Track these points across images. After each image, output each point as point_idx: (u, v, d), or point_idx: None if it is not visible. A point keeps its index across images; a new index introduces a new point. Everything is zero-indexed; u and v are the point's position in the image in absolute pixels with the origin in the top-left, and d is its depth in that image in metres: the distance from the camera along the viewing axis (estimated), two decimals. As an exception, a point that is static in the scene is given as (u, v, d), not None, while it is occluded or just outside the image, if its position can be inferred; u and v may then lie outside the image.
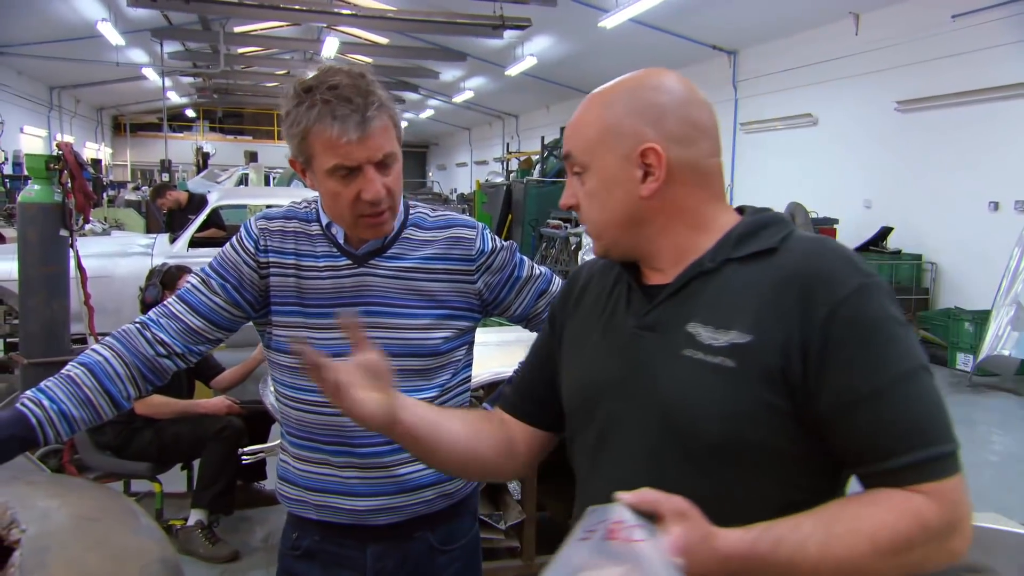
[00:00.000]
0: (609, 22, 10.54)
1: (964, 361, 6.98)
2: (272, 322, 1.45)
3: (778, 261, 0.95)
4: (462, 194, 22.74)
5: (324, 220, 1.44)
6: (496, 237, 1.51)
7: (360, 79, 1.31)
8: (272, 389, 3.34)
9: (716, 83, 11.91)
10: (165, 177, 16.96)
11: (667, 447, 0.97)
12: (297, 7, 12.00)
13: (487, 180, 19.61)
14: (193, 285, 1.45)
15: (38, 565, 0.75)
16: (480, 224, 1.51)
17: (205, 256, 6.20)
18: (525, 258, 1.55)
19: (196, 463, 3.58)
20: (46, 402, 1.27)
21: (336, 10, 12.09)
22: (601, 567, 0.82)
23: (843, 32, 9.38)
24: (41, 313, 3.93)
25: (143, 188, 17.07)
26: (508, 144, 22.64)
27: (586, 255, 9.76)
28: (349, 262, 1.42)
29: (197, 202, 8.01)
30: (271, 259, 1.44)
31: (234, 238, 1.48)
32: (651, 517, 0.83)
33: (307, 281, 1.42)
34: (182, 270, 3.75)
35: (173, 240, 6.32)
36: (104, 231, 7.83)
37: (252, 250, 1.44)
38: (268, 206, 8.30)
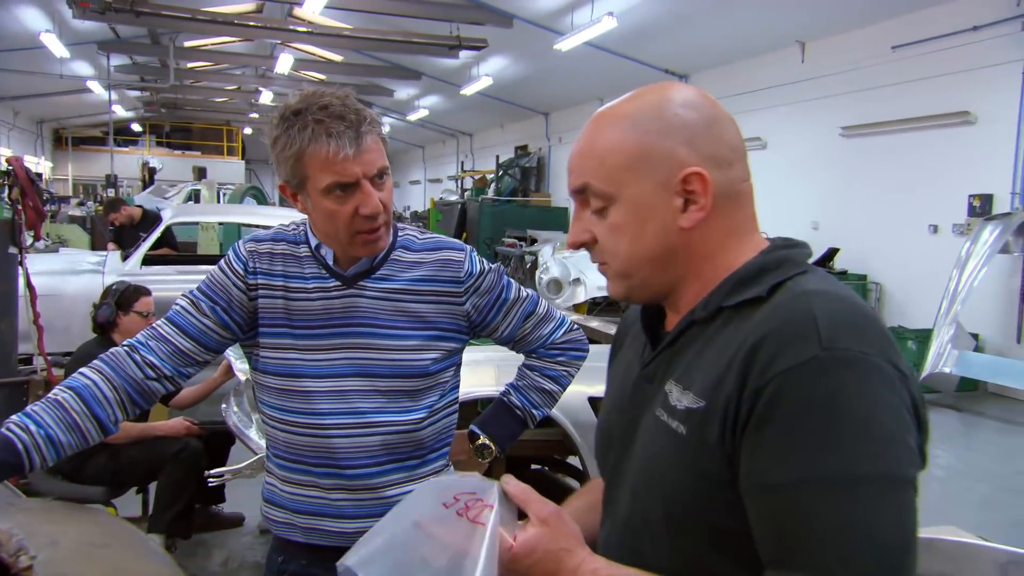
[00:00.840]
0: (564, 45, 10.69)
1: None
2: (260, 344, 1.44)
3: (756, 314, 0.82)
4: (416, 212, 22.69)
5: (313, 242, 1.44)
6: (484, 260, 1.53)
7: (347, 99, 1.33)
8: (235, 409, 3.35)
9: None
10: (111, 192, 16.53)
11: (636, 511, 0.91)
12: (252, 23, 11.90)
13: (441, 198, 19.63)
14: (182, 307, 1.44)
15: (54, 591, 0.75)
16: (468, 247, 1.53)
17: (158, 275, 6.08)
18: (512, 280, 1.57)
19: (152, 486, 3.49)
20: (32, 427, 1.24)
21: (291, 27, 12.01)
22: (436, 529, 0.84)
23: (790, 59, 9.70)
24: (-14, 339, 3.78)
25: (88, 203, 16.59)
26: (463, 162, 22.71)
27: (543, 274, 9.81)
28: (338, 283, 1.42)
29: (150, 219, 7.83)
30: (260, 281, 1.44)
31: (222, 260, 1.48)
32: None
33: (296, 303, 1.42)
34: (139, 291, 3.64)
35: (125, 258, 6.15)
36: (49, 248, 7.59)
37: (241, 272, 1.44)
38: (221, 224, 8.09)
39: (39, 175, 6.32)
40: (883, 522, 0.72)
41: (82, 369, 1.36)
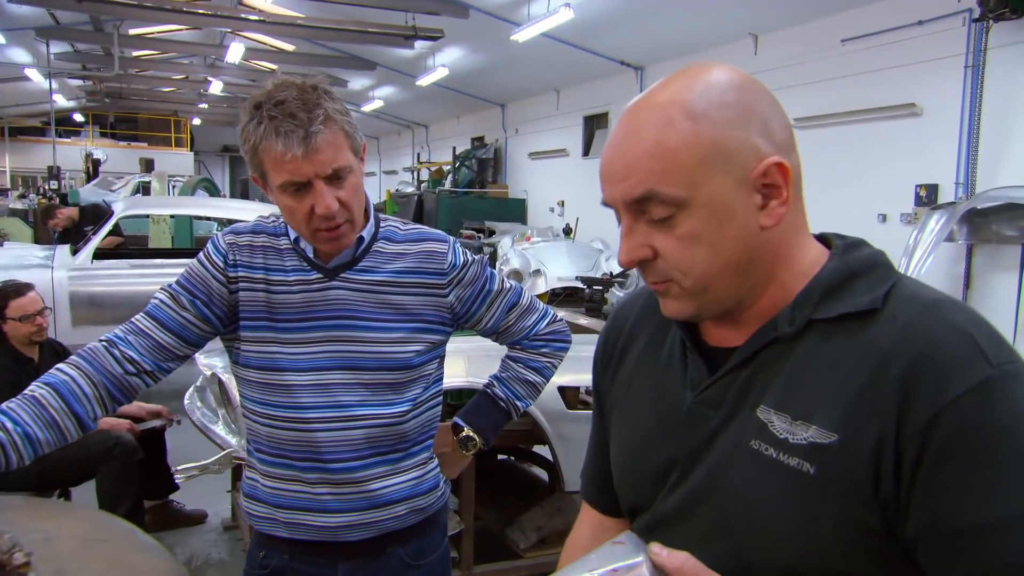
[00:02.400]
0: (521, 35, 10.68)
1: None
2: (241, 337, 1.42)
3: (876, 330, 0.72)
4: (373, 204, 22.45)
5: (292, 234, 1.42)
6: (467, 251, 1.52)
7: (309, 93, 1.29)
8: (199, 405, 3.29)
9: (625, 97, 12.20)
10: (53, 184, 15.99)
11: (737, 564, 0.77)
12: (200, 11, 11.60)
13: (398, 190, 19.48)
14: (161, 301, 1.42)
15: (57, 588, 0.73)
16: (451, 238, 1.52)
17: (111, 268, 5.92)
18: (495, 271, 1.57)
19: (76, 490, 3.36)
20: (9, 424, 1.21)
21: (242, 15, 11.76)
22: None
23: (743, 51, 9.82)
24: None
25: (30, 196, 16.06)
26: (419, 154, 22.56)
27: (503, 266, 9.82)
28: (319, 276, 1.40)
29: (91, 213, 7.57)
30: (240, 274, 1.42)
31: (201, 253, 1.46)
32: None
33: (277, 296, 1.40)
34: (7, 294, 3.24)
35: (75, 252, 5.96)
36: None
37: (221, 265, 1.42)
38: (172, 216, 7.91)
39: None
40: None
41: (59, 365, 1.32)
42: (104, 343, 1.36)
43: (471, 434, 1.57)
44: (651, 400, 0.89)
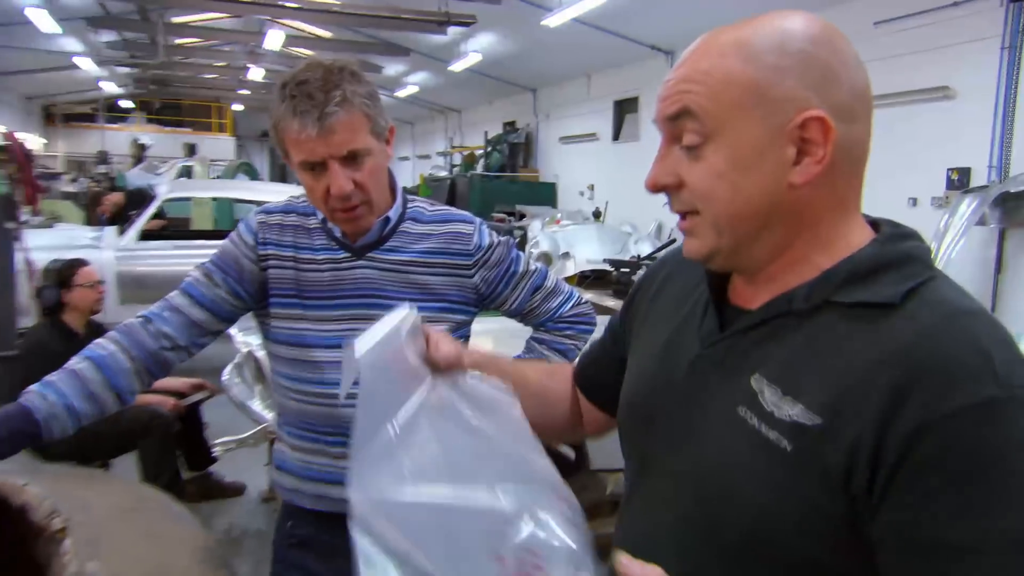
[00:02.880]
0: (552, 21, 10.58)
1: None
2: (271, 314, 1.45)
3: (892, 325, 0.69)
4: (405, 187, 22.53)
5: (320, 214, 1.43)
6: (493, 232, 1.52)
7: (334, 74, 1.28)
8: (236, 380, 3.34)
9: (654, 82, 12.08)
10: (102, 168, 16.31)
11: (694, 518, 0.79)
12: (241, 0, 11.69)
13: (431, 174, 19.52)
14: (195, 278, 1.45)
15: (91, 555, 0.75)
16: (478, 219, 1.53)
17: (155, 249, 6.05)
18: (521, 253, 1.57)
19: (115, 462, 3.46)
20: (52, 396, 1.24)
21: (280, 3, 11.81)
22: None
23: None
24: (-13, 314, 3.76)
25: (81, 179, 16.41)
26: (451, 139, 22.55)
27: (532, 248, 9.80)
28: (348, 255, 1.42)
29: (136, 197, 7.73)
30: (270, 252, 1.44)
31: (234, 232, 1.48)
32: None
33: (306, 274, 1.43)
34: (75, 264, 3.54)
35: (122, 233, 6.11)
36: (44, 223, 7.52)
37: (251, 243, 1.45)
38: (214, 199, 8.05)
39: (29, 155, 6.28)
40: None
41: (99, 340, 1.36)
42: (140, 320, 1.39)
43: None
44: (664, 344, 0.90)
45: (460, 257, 1.45)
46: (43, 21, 12.63)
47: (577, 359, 1.22)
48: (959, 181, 7.47)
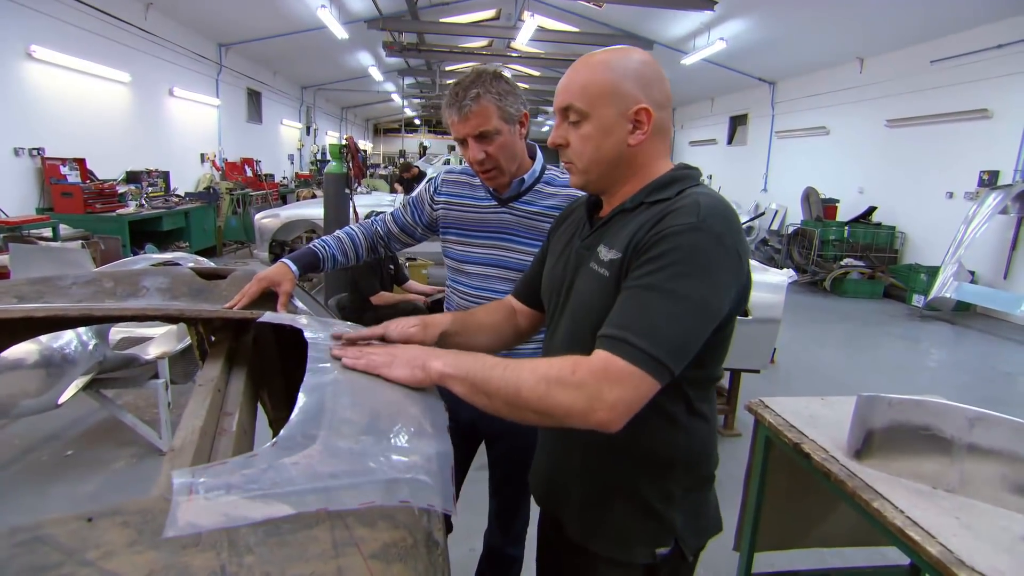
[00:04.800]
0: (688, 60, 10.28)
1: (918, 300, 6.76)
2: (443, 239, 1.41)
3: (665, 206, 0.78)
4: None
5: None
6: None
7: (478, 77, 1.20)
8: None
9: (760, 104, 11.29)
10: (401, 160, 17.87)
11: (577, 330, 0.85)
12: (485, 52, 12.37)
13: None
14: (402, 209, 1.44)
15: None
16: None
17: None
18: None
19: None
20: (325, 247, 1.34)
21: (509, 53, 12.26)
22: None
23: (851, 70, 8.70)
24: (335, 240, 4.32)
25: (389, 167, 18.13)
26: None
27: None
28: (495, 203, 1.33)
29: (423, 174, 8.79)
30: (442, 199, 1.38)
31: (426, 182, 1.45)
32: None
33: (466, 213, 1.36)
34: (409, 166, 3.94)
35: (407, 195, 6.79)
36: (366, 191, 8.05)
37: (432, 192, 1.40)
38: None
39: (363, 150, 6.74)
40: (676, 315, 0.69)
41: (351, 226, 1.43)
42: (371, 222, 1.45)
43: None
44: (563, 245, 0.95)
45: None
46: (375, 74, 14.09)
47: (516, 285, 1.14)
48: (989, 180, 6.62)
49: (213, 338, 1.11)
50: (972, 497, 1.14)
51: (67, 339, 1.96)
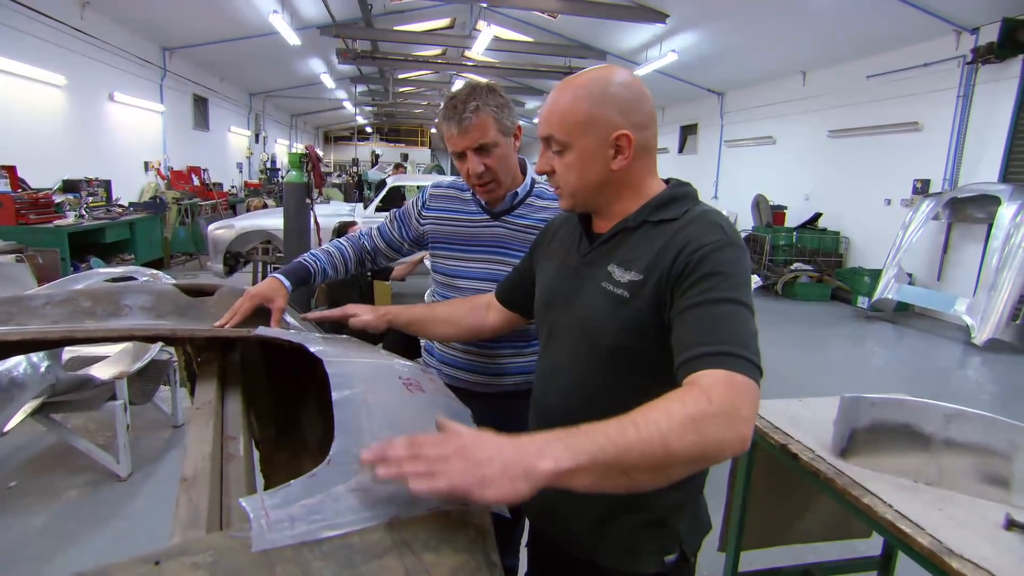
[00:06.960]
0: (641, 71, 10.48)
1: (862, 302, 7.11)
2: (432, 253, 1.42)
3: (675, 226, 0.80)
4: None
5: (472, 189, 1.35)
6: None
7: (474, 90, 1.20)
8: (431, 299, 3.93)
9: (710, 114, 11.71)
10: (353, 168, 17.37)
11: (582, 345, 0.86)
12: (440, 61, 12.38)
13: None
14: (387, 222, 1.44)
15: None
16: None
17: (384, 216, 6.79)
18: None
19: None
20: (316, 261, 1.34)
21: (463, 63, 12.34)
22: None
23: (795, 83, 9.20)
24: (296, 249, 4.27)
25: (342, 175, 17.83)
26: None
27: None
28: (487, 217, 1.34)
29: (378, 185, 8.65)
30: (431, 214, 1.38)
31: (415, 197, 1.45)
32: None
33: (457, 228, 1.36)
34: (349, 224, 4.15)
35: (366, 207, 6.58)
36: (322, 201, 8.06)
37: (420, 206, 1.40)
38: (419, 187, 8.82)
39: (320, 157, 6.75)
40: (746, 319, 0.72)
41: (341, 239, 1.43)
42: (359, 235, 1.45)
43: None
44: (560, 260, 0.96)
45: None
46: (327, 81, 13.77)
47: (497, 289, 1.17)
48: (922, 188, 7.14)
49: (200, 358, 1.09)
50: (951, 489, 1.20)
51: (15, 361, 1.86)
